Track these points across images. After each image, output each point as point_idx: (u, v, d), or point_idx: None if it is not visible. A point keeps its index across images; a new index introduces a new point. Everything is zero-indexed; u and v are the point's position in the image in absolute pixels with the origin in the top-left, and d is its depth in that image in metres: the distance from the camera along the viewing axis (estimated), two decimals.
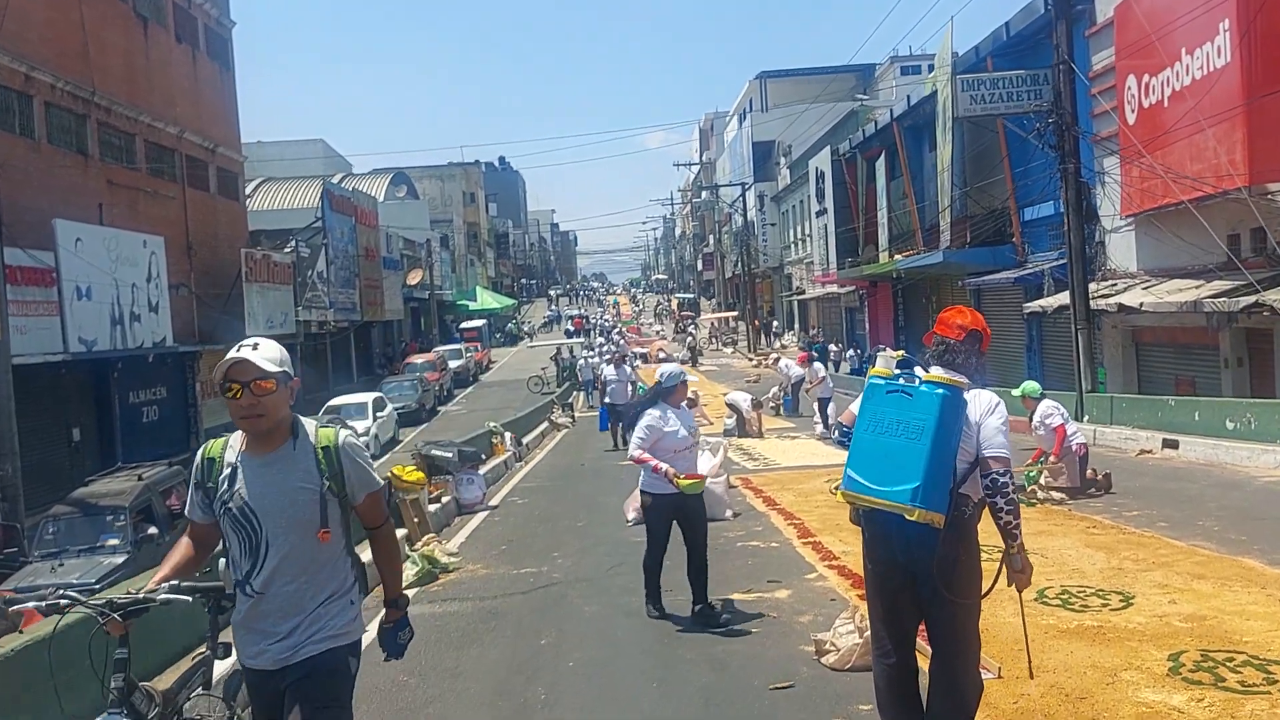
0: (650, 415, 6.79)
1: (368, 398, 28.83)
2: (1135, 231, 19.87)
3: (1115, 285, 19.64)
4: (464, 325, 59.59)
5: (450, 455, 12.65)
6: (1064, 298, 20.60)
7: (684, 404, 7.12)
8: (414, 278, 52.87)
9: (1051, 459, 10.63)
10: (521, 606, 7.70)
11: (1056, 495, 10.42)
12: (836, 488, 4.26)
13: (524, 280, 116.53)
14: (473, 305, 68.83)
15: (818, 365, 20.81)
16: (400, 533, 9.96)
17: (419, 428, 31.83)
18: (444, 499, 12.26)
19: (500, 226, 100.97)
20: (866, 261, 35.42)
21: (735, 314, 64.64)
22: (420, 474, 11.10)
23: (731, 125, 77.43)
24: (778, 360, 27.22)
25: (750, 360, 48.61)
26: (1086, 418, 17.42)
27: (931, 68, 43.34)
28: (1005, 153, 24.86)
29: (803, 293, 52.97)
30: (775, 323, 59.24)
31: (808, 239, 48.89)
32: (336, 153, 64.87)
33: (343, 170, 59.66)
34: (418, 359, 41.42)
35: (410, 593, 8.22)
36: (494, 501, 13.56)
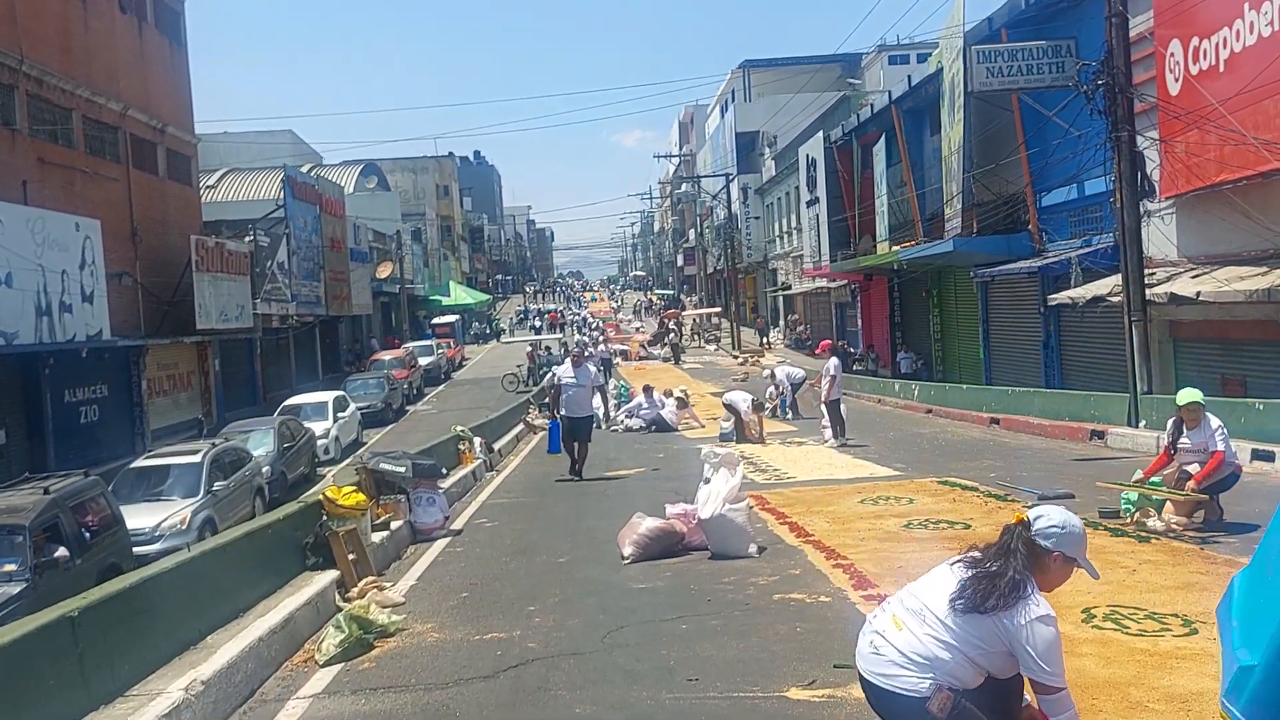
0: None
1: (328, 396, 26.65)
2: (1176, 215, 17.94)
3: (1154, 274, 17.67)
4: (436, 321, 57.73)
5: (403, 470, 10.32)
6: (1097, 288, 18.63)
7: None
8: (384, 271, 50.87)
9: (1192, 485, 8.20)
10: (483, 702, 5.38)
11: (1176, 526, 8.19)
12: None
13: (500, 276, 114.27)
14: (446, 300, 67.03)
15: (834, 360, 17.98)
16: (331, 575, 7.73)
17: (385, 429, 29.73)
18: (394, 525, 9.92)
19: (475, 221, 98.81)
20: (863, 253, 33.39)
21: (718, 310, 62.64)
22: (361, 496, 8.81)
23: (713, 116, 75.23)
24: (772, 374, 24.68)
25: (735, 358, 46.55)
26: (1144, 423, 15.35)
27: (921, 57, 41.64)
28: (1021, 134, 22.94)
29: (789, 288, 50.95)
30: (797, 318, 54.22)
31: (794, 232, 46.94)
32: (306, 144, 62.78)
33: (312, 161, 57.52)
34: (385, 355, 39.44)
35: (331, 672, 6.02)
36: (457, 524, 11.23)
